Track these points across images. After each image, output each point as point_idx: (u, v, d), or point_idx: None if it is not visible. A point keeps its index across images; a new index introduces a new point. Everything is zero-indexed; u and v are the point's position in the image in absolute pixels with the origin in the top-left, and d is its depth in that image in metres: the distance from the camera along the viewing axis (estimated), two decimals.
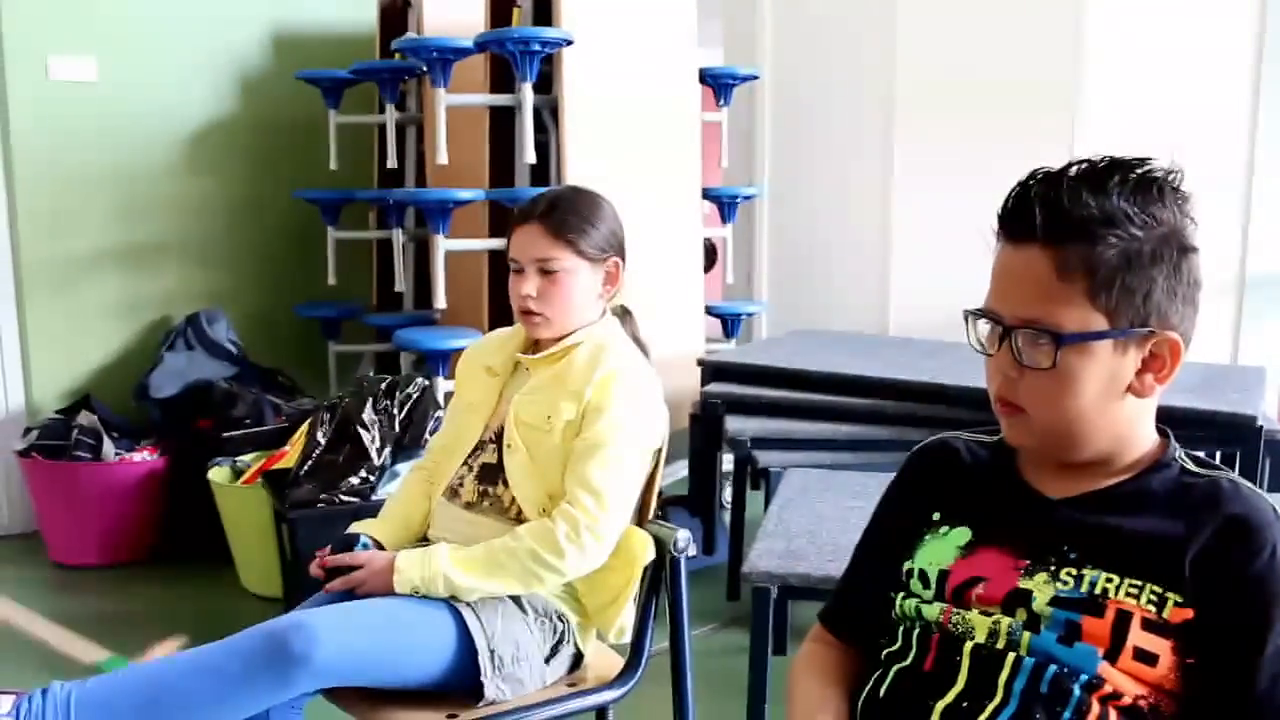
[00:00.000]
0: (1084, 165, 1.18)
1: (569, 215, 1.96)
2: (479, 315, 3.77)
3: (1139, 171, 1.17)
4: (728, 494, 3.89)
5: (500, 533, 1.90)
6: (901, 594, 1.31)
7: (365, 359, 4.46)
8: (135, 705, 1.73)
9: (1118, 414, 1.21)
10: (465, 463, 2.01)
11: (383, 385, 3.03)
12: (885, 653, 1.30)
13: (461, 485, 2.00)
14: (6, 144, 3.97)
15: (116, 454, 3.73)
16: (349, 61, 4.20)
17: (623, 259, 2.03)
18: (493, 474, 1.97)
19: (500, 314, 3.79)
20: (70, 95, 4.04)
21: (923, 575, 1.29)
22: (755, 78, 4.55)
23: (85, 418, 3.81)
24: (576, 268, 1.95)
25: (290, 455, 3.42)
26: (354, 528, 2.05)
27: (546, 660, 1.90)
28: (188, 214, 4.30)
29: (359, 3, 4.53)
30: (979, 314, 1.23)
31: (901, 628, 1.30)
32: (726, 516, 3.79)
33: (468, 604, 1.85)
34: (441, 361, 3.42)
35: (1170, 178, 1.18)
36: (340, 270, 4.24)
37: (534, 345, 2.06)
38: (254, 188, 4.40)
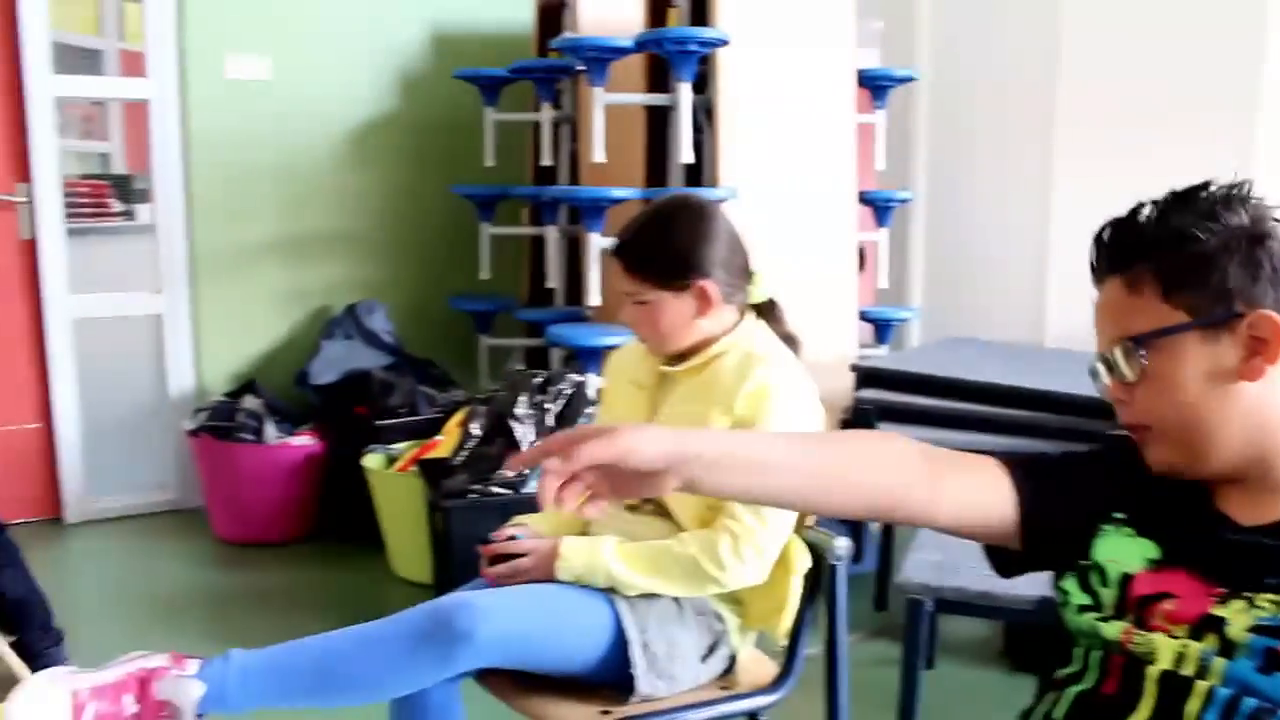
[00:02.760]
0: (1147, 204, 1.24)
1: (637, 249, 1.93)
2: None
3: (1203, 194, 1.21)
4: None
5: (662, 534, 1.90)
6: (1076, 602, 1.25)
7: (515, 353, 4.53)
8: (305, 673, 1.81)
9: (1240, 406, 1.17)
10: None
11: (537, 380, 3.07)
12: (1061, 674, 1.25)
13: None
14: (186, 139, 4.16)
15: (277, 437, 3.87)
16: (507, 60, 4.27)
17: (712, 277, 1.90)
18: None
19: None
20: (245, 93, 4.21)
21: (1101, 572, 1.23)
22: (912, 79, 4.47)
23: (250, 401, 3.96)
24: (659, 298, 1.91)
25: (442, 445, 3.49)
26: (515, 520, 2.08)
27: (702, 659, 1.90)
28: (350, 207, 4.44)
29: (517, 2, 4.61)
30: (1097, 359, 1.27)
31: (1077, 648, 1.25)
32: (874, 524, 3.73)
33: (625, 599, 1.86)
34: (593, 359, 3.44)
35: (1236, 190, 1.21)
36: (493, 265, 4.32)
37: (676, 355, 2.04)
38: (412, 183, 4.52)
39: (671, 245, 1.91)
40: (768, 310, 2.03)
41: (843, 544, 1.90)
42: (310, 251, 4.39)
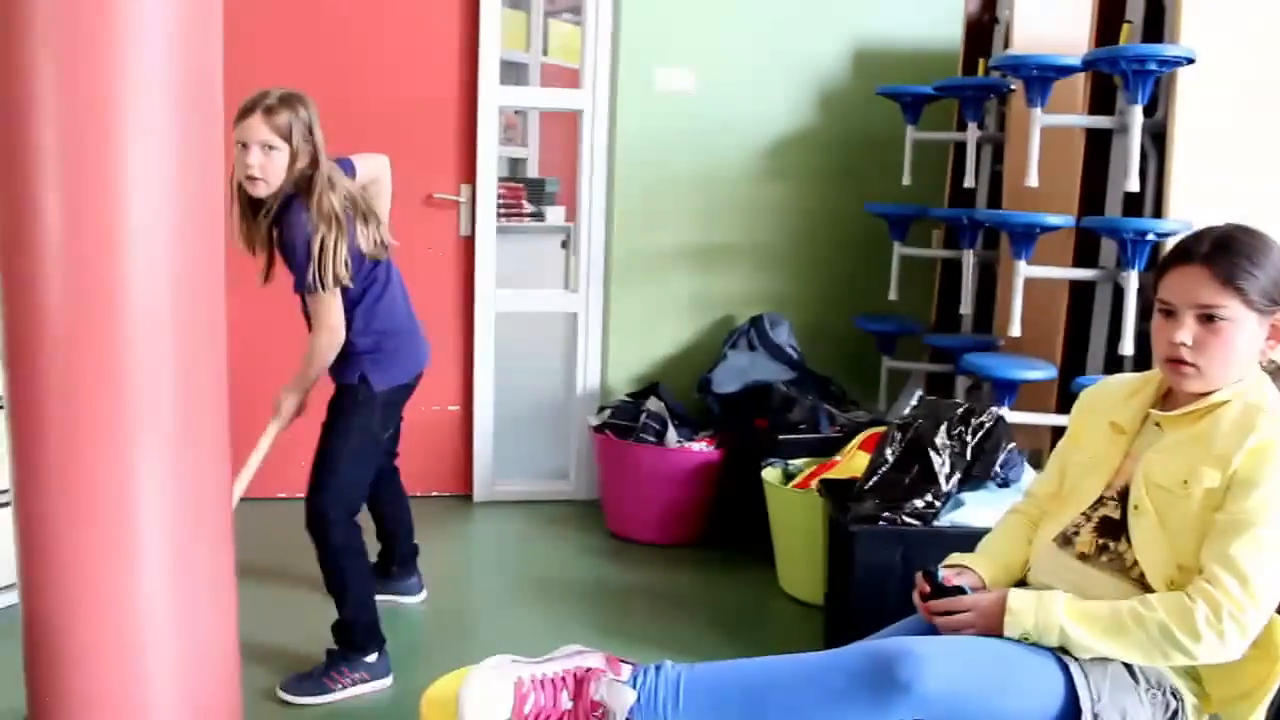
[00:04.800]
0: None
1: (1238, 259, 1.76)
2: (1047, 346, 3.58)
3: None
4: None
5: (1117, 591, 1.77)
6: None
7: (914, 377, 4.40)
8: (736, 696, 1.81)
9: None
10: (1083, 513, 1.88)
11: (958, 411, 2.95)
12: None
13: (1077, 534, 1.88)
14: (612, 148, 4.35)
15: (678, 441, 3.94)
16: (930, 77, 4.15)
17: None
18: (1115, 530, 1.83)
19: (1075, 348, 3.57)
20: (669, 105, 4.34)
21: None
22: None
23: (653, 403, 4.07)
24: (1241, 318, 1.75)
25: (842, 465, 3.44)
26: (951, 559, 2.00)
27: None
28: (761, 220, 4.48)
29: (944, 20, 4.47)
30: None
31: None
32: None
33: (1077, 661, 1.73)
34: (1009, 391, 3.28)
35: None
36: (900, 286, 4.22)
37: (1167, 399, 1.88)
38: (825, 198, 4.49)
39: (1271, 263, 1.77)
40: (1275, 373, 1.87)
41: None
42: (719, 261, 4.46)
